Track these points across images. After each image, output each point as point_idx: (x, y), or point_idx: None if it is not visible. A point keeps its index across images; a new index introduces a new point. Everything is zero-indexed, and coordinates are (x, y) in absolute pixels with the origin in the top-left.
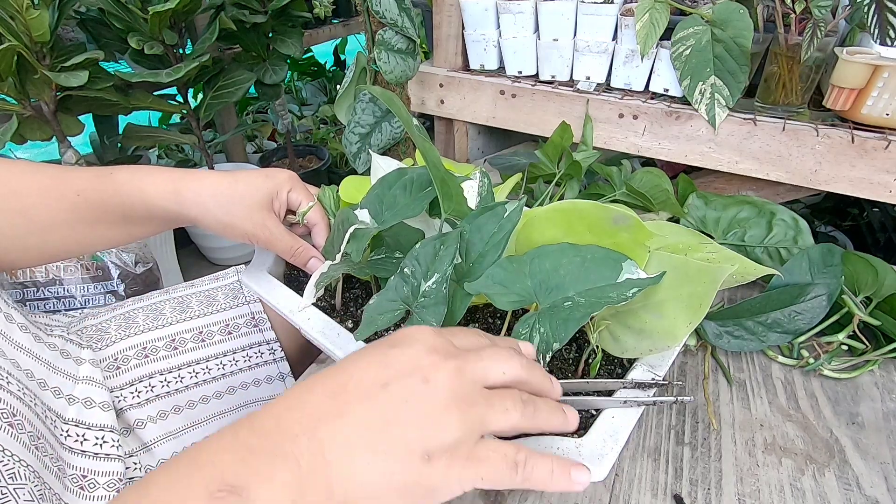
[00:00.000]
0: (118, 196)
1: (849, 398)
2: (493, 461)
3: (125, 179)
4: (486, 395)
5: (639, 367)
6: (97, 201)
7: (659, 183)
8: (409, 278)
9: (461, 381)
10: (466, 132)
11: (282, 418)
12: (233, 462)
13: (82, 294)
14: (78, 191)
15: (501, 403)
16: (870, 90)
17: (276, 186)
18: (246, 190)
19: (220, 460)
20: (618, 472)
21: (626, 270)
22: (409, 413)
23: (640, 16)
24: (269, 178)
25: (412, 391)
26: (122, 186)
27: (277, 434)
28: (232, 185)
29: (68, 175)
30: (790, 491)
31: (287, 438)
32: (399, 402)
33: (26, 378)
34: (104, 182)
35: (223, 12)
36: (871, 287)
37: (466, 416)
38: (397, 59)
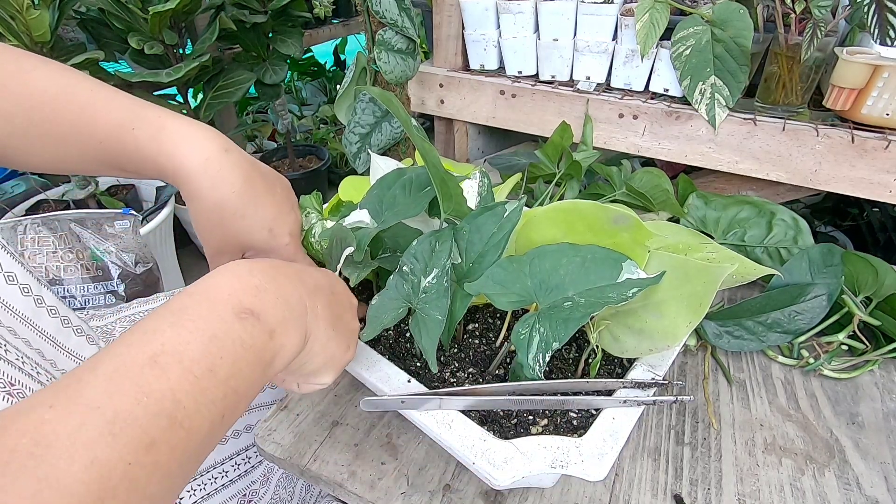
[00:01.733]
0: (136, 159)
1: (849, 398)
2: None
3: (145, 140)
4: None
5: (639, 366)
6: (117, 154)
7: (659, 183)
8: (408, 276)
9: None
10: (466, 132)
11: (280, 276)
12: (248, 294)
13: (82, 294)
14: (101, 138)
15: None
16: (870, 90)
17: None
18: (241, 231)
19: (238, 293)
20: (618, 472)
21: (626, 270)
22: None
23: (640, 16)
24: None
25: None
26: (143, 149)
27: (284, 288)
28: (236, 214)
29: (97, 112)
30: (790, 491)
31: (291, 293)
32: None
33: (52, 368)
34: (125, 138)
35: (223, 12)
36: (871, 287)
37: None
38: (397, 59)
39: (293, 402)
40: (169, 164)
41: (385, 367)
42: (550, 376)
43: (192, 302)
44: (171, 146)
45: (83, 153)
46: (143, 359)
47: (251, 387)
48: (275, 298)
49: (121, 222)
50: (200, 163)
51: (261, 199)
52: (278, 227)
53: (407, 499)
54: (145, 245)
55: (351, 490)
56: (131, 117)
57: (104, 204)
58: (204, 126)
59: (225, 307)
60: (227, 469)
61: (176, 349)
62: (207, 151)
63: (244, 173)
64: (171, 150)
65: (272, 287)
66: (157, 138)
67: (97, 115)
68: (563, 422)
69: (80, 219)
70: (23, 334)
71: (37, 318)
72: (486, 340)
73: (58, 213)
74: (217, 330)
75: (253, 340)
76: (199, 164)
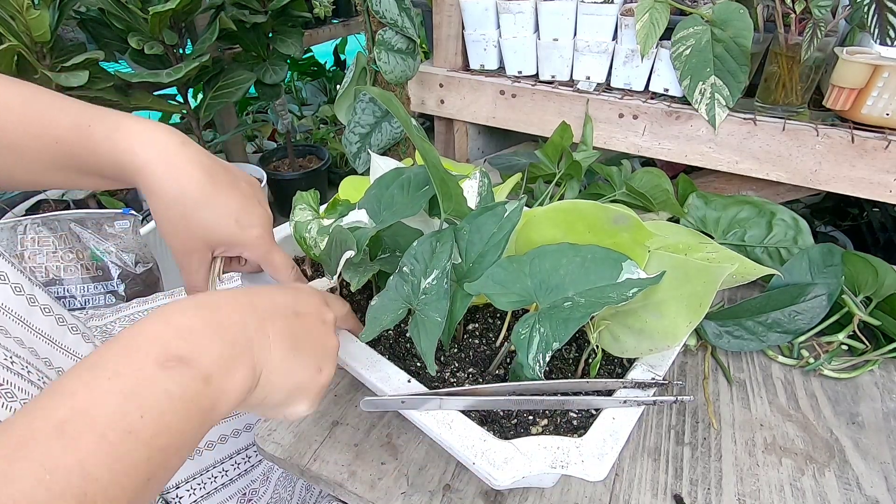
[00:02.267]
0: (94, 156)
1: (849, 398)
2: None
3: (102, 136)
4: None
5: (639, 366)
6: (74, 155)
7: (659, 183)
8: (408, 277)
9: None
10: (466, 132)
11: (222, 308)
12: (175, 338)
13: (82, 294)
14: (56, 138)
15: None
16: (870, 90)
17: (239, 244)
18: (206, 222)
19: (163, 339)
20: (618, 472)
21: (626, 270)
22: (310, 340)
23: (640, 16)
24: (240, 228)
25: (314, 326)
26: (99, 146)
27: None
28: (198, 205)
29: (51, 114)
30: (790, 491)
31: (232, 326)
32: (309, 328)
33: (46, 367)
34: (82, 136)
35: (223, 12)
36: (871, 287)
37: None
38: (397, 59)
39: None
40: (125, 159)
41: (385, 367)
42: (550, 376)
43: (111, 355)
44: (127, 142)
45: (38, 157)
46: (50, 428)
47: (186, 440)
48: (210, 337)
49: (121, 222)
50: (157, 156)
51: (224, 190)
52: (245, 217)
53: (407, 499)
54: (145, 245)
55: (351, 490)
56: (87, 116)
57: (104, 204)
58: (160, 124)
59: (146, 357)
60: (226, 468)
61: (87, 412)
62: (163, 144)
63: (204, 165)
64: (127, 146)
65: (207, 324)
66: (112, 136)
67: (54, 118)
68: (563, 422)
69: (80, 219)
70: (15, 333)
71: (30, 316)
72: (486, 340)
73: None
74: (136, 384)
75: (183, 390)
76: (156, 157)
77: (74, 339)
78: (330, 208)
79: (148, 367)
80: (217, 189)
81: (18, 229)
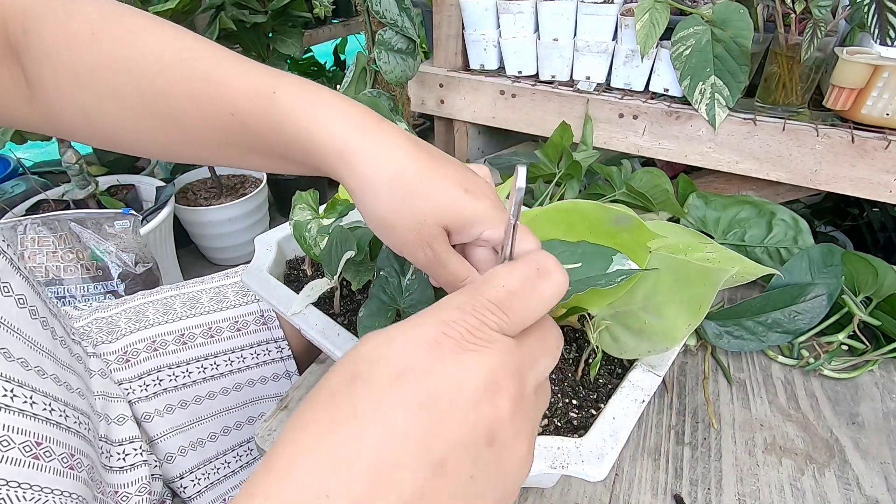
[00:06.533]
0: (277, 131)
1: (849, 398)
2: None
3: (290, 107)
4: (538, 401)
5: (639, 366)
6: (253, 129)
7: (659, 183)
8: (388, 280)
9: (525, 411)
10: (466, 132)
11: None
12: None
13: (83, 294)
14: (232, 110)
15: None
16: (870, 90)
17: (475, 217)
18: (432, 194)
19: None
20: (618, 472)
21: (616, 263)
22: (478, 491)
23: (640, 16)
24: (473, 197)
25: (475, 462)
26: (285, 120)
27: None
28: (421, 178)
29: (225, 80)
30: (790, 491)
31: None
32: (463, 483)
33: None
34: (264, 106)
35: (223, 12)
36: (871, 287)
37: (532, 442)
38: (397, 59)
39: (294, 402)
40: (322, 137)
41: None
42: (550, 376)
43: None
44: (324, 117)
45: (209, 133)
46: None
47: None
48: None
49: (121, 222)
50: (361, 133)
51: (440, 161)
52: (474, 186)
53: None
54: (145, 245)
55: None
56: (270, 81)
57: (104, 204)
58: (350, 99)
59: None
60: (229, 460)
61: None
62: (364, 120)
63: (410, 139)
64: (325, 121)
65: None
66: (304, 106)
67: (227, 81)
68: (563, 422)
69: (80, 219)
70: (18, 354)
71: (33, 331)
72: None
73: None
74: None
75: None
76: (361, 135)
77: (54, 343)
78: (329, 208)
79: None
80: (434, 161)
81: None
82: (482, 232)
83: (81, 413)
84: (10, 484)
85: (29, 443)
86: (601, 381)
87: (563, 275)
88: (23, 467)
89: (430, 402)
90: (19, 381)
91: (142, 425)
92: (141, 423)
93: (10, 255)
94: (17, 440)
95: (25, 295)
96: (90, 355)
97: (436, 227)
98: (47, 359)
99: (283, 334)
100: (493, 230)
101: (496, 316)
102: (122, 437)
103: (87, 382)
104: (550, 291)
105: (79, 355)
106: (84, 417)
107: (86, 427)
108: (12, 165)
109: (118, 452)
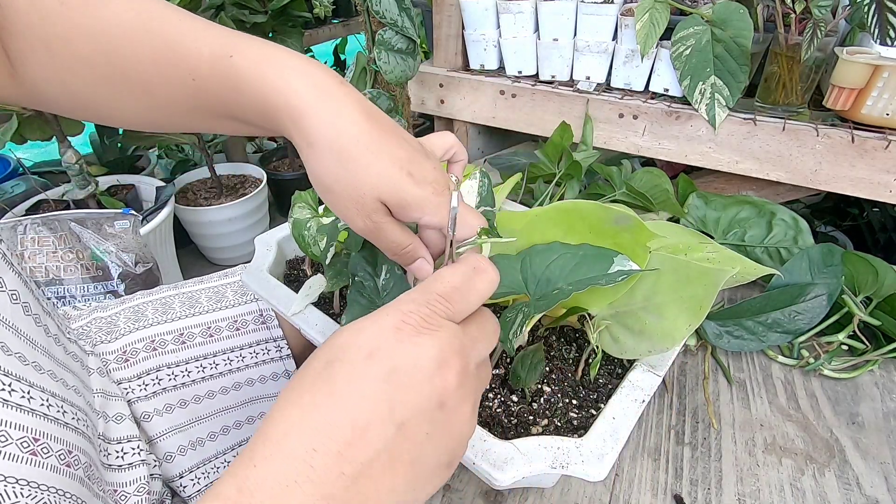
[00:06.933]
0: (236, 92)
1: (849, 398)
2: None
3: (246, 69)
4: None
5: (639, 366)
6: (213, 92)
7: (659, 183)
8: (364, 283)
9: (468, 382)
10: (466, 132)
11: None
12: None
13: (82, 294)
14: (193, 74)
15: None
16: (870, 90)
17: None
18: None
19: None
20: (618, 472)
21: (616, 263)
22: (432, 445)
23: (640, 16)
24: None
25: (430, 422)
26: (241, 82)
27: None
28: (364, 149)
29: (185, 45)
30: (790, 491)
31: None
32: (420, 438)
33: (52, 380)
34: (222, 69)
35: (223, 12)
36: (871, 287)
37: (475, 407)
38: (397, 59)
39: None
40: (275, 96)
41: None
42: (550, 376)
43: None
44: (277, 76)
45: (173, 97)
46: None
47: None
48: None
49: (121, 222)
50: (314, 94)
51: (390, 137)
52: (418, 170)
53: None
54: (145, 245)
55: None
56: (228, 45)
57: (104, 204)
58: (312, 60)
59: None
60: (228, 459)
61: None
62: (321, 82)
63: (367, 109)
64: (277, 80)
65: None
66: (259, 67)
67: (187, 47)
68: (563, 422)
69: (80, 219)
70: (16, 349)
71: (27, 327)
72: None
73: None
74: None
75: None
76: (313, 96)
77: (47, 341)
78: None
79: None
80: (384, 135)
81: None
82: (421, 217)
83: (79, 409)
84: (8, 480)
85: (27, 439)
86: (601, 381)
87: (495, 272)
88: (20, 463)
89: (393, 375)
90: (17, 375)
91: (141, 425)
92: (140, 423)
93: (3, 249)
94: (14, 436)
95: (18, 291)
96: (88, 353)
97: (373, 200)
98: (43, 355)
99: (282, 334)
100: (431, 217)
101: (443, 306)
102: (120, 436)
103: (84, 380)
104: (485, 285)
105: (74, 353)
106: (82, 414)
107: (84, 424)
108: (12, 165)
109: (116, 451)
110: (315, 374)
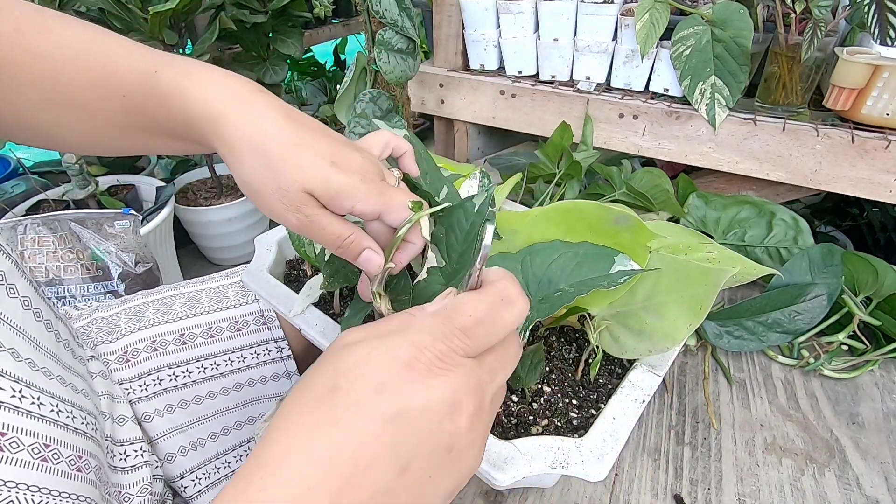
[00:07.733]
0: (163, 107)
1: (849, 398)
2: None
3: (169, 83)
4: (494, 404)
5: (639, 367)
6: (144, 109)
7: (659, 183)
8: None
9: (481, 420)
10: (466, 132)
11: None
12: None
13: (83, 294)
14: (125, 92)
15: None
16: (870, 90)
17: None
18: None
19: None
20: (618, 472)
21: (618, 263)
22: (434, 485)
23: (640, 16)
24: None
25: (435, 465)
26: (167, 96)
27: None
28: (285, 146)
29: (116, 65)
30: (790, 491)
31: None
32: (423, 480)
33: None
34: (149, 85)
35: (223, 12)
36: (871, 287)
37: (485, 441)
38: (397, 59)
39: None
40: (197, 109)
41: None
42: (550, 376)
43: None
44: (199, 89)
45: (110, 117)
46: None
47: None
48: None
49: (121, 222)
50: (232, 101)
51: (310, 132)
52: (343, 160)
53: None
54: (145, 245)
55: None
56: (154, 62)
57: (104, 204)
58: (231, 72)
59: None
60: (229, 459)
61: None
62: (238, 90)
63: (284, 109)
64: (198, 91)
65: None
66: (180, 81)
67: (119, 65)
68: (563, 422)
69: (80, 219)
70: (26, 355)
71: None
72: None
73: (58, 213)
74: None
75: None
76: (232, 103)
77: (57, 346)
78: None
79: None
80: (303, 130)
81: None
82: (352, 206)
83: (88, 413)
84: (20, 486)
85: (37, 445)
86: (601, 381)
87: (525, 302)
88: (31, 469)
89: (400, 417)
90: (27, 381)
91: (142, 425)
92: (141, 423)
93: (15, 257)
94: (25, 442)
95: (30, 297)
96: (89, 358)
97: (300, 192)
98: (52, 360)
99: (282, 334)
100: (364, 205)
101: (462, 342)
102: (124, 438)
103: (90, 384)
104: (513, 318)
105: (82, 357)
106: (91, 418)
107: (93, 427)
108: (12, 165)
109: (120, 453)
110: (318, 397)
